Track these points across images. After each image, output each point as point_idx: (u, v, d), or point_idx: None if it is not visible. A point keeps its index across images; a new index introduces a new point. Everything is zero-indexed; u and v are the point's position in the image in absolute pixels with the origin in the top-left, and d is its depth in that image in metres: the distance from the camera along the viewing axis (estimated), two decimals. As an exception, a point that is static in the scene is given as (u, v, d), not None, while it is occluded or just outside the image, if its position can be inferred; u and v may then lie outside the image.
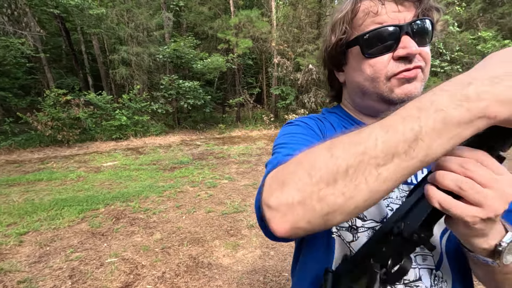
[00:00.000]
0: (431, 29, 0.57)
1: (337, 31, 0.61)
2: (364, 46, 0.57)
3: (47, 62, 12.64)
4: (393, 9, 0.55)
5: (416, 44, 0.55)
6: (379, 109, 0.63)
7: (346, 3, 0.60)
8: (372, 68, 0.58)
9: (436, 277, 0.57)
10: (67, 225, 3.54)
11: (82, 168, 6.68)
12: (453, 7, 12.53)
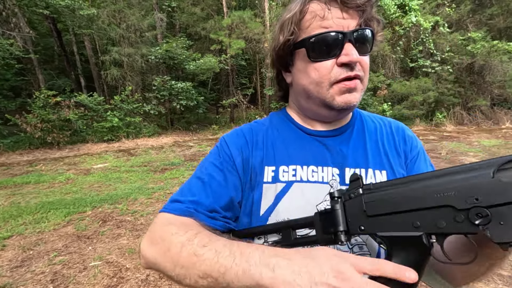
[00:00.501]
0: (371, 39, 0.60)
1: (285, 31, 0.61)
2: (310, 49, 0.59)
3: (38, 63, 12.51)
4: (338, 15, 0.57)
5: (357, 52, 0.57)
6: (322, 114, 0.66)
7: (296, 3, 0.61)
8: (317, 72, 0.59)
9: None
10: (52, 229, 3.49)
11: (71, 170, 6.60)
12: (444, 8, 12.69)
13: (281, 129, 0.71)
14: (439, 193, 0.40)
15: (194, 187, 0.64)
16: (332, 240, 0.50)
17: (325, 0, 0.57)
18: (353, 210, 0.48)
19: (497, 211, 0.36)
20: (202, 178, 0.64)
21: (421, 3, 12.28)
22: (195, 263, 0.47)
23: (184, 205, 0.60)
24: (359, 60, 0.58)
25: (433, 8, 12.69)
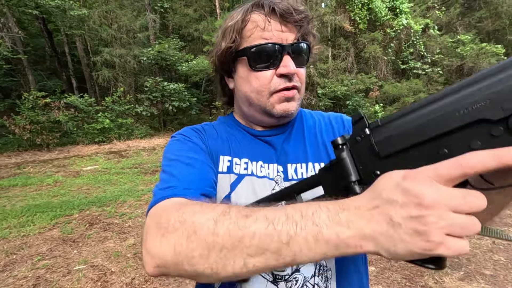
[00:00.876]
0: (308, 52, 0.64)
1: (227, 38, 0.63)
2: (251, 58, 0.61)
3: (28, 64, 12.32)
4: (278, 28, 0.60)
5: (294, 65, 0.60)
6: (262, 120, 0.69)
7: (238, 11, 0.63)
8: (258, 81, 0.62)
9: (321, 266, 0.61)
10: (38, 232, 3.44)
11: (60, 172, 6.51)
12: (434, 11, 12.89)
13: (230, 130, 0.73)
14: (466, 108, 0.32)
15: (181, 171, 0.57)
16: (346, 195, 0.41)
17: (265, 12, 0.59)
18: (362, 154, 0.42)
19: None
20: (184, 161, 0.59)
21: (412, 6, 12.45)
22: (242, 238, 0.37)
23: (186, 188, 0.52)
24: (297, 71, 0.62)
25: (423, 11, 12.88)
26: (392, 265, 2.58)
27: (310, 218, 0.36)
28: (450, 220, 0.29)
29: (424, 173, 0.32)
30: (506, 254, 2.66)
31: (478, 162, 0.29)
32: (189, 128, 0.71)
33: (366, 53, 11.99)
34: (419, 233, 0.30)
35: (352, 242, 0.34)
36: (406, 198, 0.31)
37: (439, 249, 0.30)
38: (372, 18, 11.81)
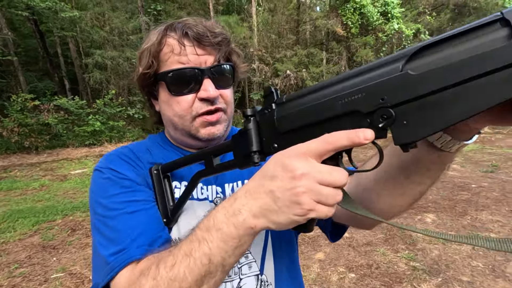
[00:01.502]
0: (232, 72, 0.63)
1: (143, 62, 0.61)
2: (169, 83, 0.59)
3: (20, 65, 12.18)
4: (193, 51, 0.58)
5: (214, 88, 0.59)
6: (190, 144, 0.67)
7: (154, 34, 0.61)
8: (179, 106, 0.60)
9: (262, 282, 0.62)
10: (18, 239, 3.38)
11: (47, 176, 6.43)
12: (424, 16, 13.07)
13: (166, 152, 0.70)
14: (346, 98, 0.36)
15: (127, 223, 0.54)
16: (248, 163, 0.47)
17: (178, 36, 0.58)
18: (267, 127, 0.45)
19: (401, 110, 0.32)
20: (126, 210, 0.56)
21: (403, 11, 12.61)
22: (181, 285, 0.41)
23: (129, 251, 0.51)
24: (220, 93, 0.60)
25: (414, 16, 13.05)
26: (372, 272, 2.59)
27: (213, 227, 0.41)
28: (317, 190, 0.35)
29: (299, 149, 0.37)
30: (485, 260, 2.69)
31: (336, 140, 0.35)
32: (117, 157, 0.64)
33: (358, 57, 12.10)
34: (294, 202, 0.36)
35: (248, 223, 0.38)
36: (283, 173, 0.36)
37: (310, 214, 0.36)
38: (364, 22, 11.94)
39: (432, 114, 0.31)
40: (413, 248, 2.96)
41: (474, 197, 4.30)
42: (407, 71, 0.32)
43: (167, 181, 0.62)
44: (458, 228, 3.37)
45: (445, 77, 0.29)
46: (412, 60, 0.32)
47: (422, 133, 0.32)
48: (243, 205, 0.39)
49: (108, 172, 0.60)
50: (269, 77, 12.58)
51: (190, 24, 0.59)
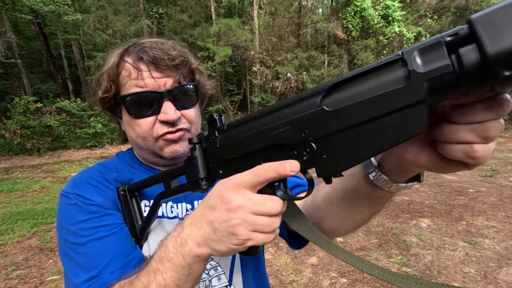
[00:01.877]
0: (194, 91, 0.63)
1: (102, 85, 0.62)
2: (128, 107, 0.60)
3: (24, 67, 12.34)
4: (149, 75, 0.58)
5: (174, 110, 0.59)
6: (157, 162, 0.68)
7: (114, 56, 0.62)
8: (140, 128, 0.61)
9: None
10: (16, 241, 3.43)
11: (48, 178, 6.50)
12: (426, 19, 13.05)
13: (134, 171, 0.70)
14: (275, 130, 0.37)
15: (97, 250, 0.55)
16: (197, 188, 0.48)
17: (133, 61, 0.58)
18: (212, 154, 0.47)
19: (321, 144, 0.34)
20: (95, 236, 0.56)
21: (404, 14, 12.60)
22: None
23: (103, 278, 0.53)
24: (178, 116, 0.60)
25: (415, 19, 13.04)
26: (364, 277, 2.60)
27: (164, 257, 0.43)
28: (252, 221, 0.37)
29: (235, 180, 0.39)
30: (477, 266, 2.69)
31: (264, 173, 0.37)
32: (84, 182, 0.63)
33: (359, 60, 12.10)
34: (231, 233, 0.37)
35: (194, 252, 0.41)
36: (221, 205, 0.38)
37: (248, 243, 0.38)
38: (364, 25, 11.95)
39: (346, 150, 0.32)
40: (406, 253, 2.97)
41: (471, 202, 4.29)
42: (323, 107, 0.33)
43: (134, 201, 0.63)
44: (453, 233, 3.37)
45: (351, 116, 0.31)
46: (328, 96, 0.34)
47: (336, 168, 0.34)
48: (188, 235, 0.42)
49: (75, 198, 0.59)
50: (270, 80, 12.62)
51: (146, 48, 0.59)
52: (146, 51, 0.58)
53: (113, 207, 0.62)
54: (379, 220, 3.82)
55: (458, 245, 3.09)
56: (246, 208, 0.37)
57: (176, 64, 0.59)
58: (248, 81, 15.49)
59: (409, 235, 3.33)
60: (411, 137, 0.29)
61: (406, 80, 0.28)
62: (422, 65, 0.27)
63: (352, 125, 0.31)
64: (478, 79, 0.25)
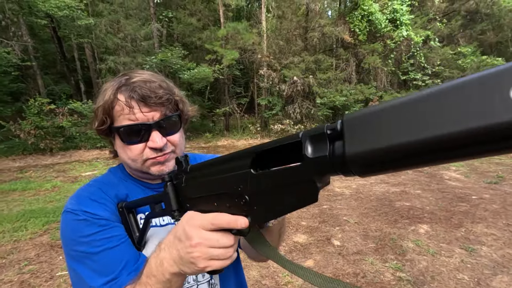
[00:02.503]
0: (178, 119, 0.74)
1: (98, 118, 0.71)
2: (121, 135, 0.70)
3: (39, 69, 12.80)
4: (139, 111, 0.68)
5: (161, 137, 0.69)
6: (146, 177, 0.79)
7: (109, 91, 0.70)
8: (131, 152, 0.71)
9: (212, 285, 0.79)
10: (29, 237, 3.63)
11: (60, 177, 6.75)
12: (435, 23, 12.94)
13: (125, 183, 0.80)
14: (219, 182, 0.47)
15: (112, 256, 0.64)
16: (172, 216, 0.59)
17: (125, 99, 0.68)
18: (181, 190, 0.57)
19: (253, 197, 0.42)
20: (107, 246, 0.65)
21: (413, 18, 12.54)
22: None
23: (121, 280, 0.62)
24: (168, 140, 0.71)
25: (424, 22, 12.94)
26: (358, 281, 2.67)
27: (150, 273, 0.56)
28: (209, 254, 0.48)
29: (196, 222, 0.49)
30: (472, 273, 2.73)
31: (219, 223, 0.47)
32: (88, 199, 0.70)
33: (366, 64, 12.10)
34: (192, 262, 0.49)
35: (170, 271, 0.53)
36: (185, 239, 0.50)
37: (207, 269, 0.49)
38: (372, 29, 11.94)
39: (268, 206, 0.41)
40: (402, 258, 3.02)
41: (472, 209, 4.30)
42: (250, 169, 0.41)
43: (131, 215, 0.74)
44: (450, 239, 3.40)
45: (268, 181, 0.39)
46: (258, 159, 0.41)
47: (264, 219, 0.44)
48: (164, 257, 0.53)
49: (83, 214, 0.66)
50: (277, 83, 12.71)
51: (137, 88, 0.67)
52: (137, 90, 0.67)
53: (117, 220, 0.72)
54: (378, 225, 3.88)
55: (454, 252, 3.12)
56: (204, 244, 0.48)
57: (162, 101, 0.69)
58: (255, 83, 15.64)
59: (406, 241, 3.37)
60: (307, 204, 0.36)
61: (301, 160, 0.34)
62: (311, 152, 0.33)
63: (268, 187, 0.40)
64: (343, 170, 0.31)
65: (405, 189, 5.39)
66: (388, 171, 0.27)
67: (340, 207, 4.59)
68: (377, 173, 0.28)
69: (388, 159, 0.26)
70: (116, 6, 12.56)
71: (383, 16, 11.67)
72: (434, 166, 0.28)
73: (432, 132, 0.22)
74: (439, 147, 0.22)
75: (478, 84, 0.21)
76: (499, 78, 0.20)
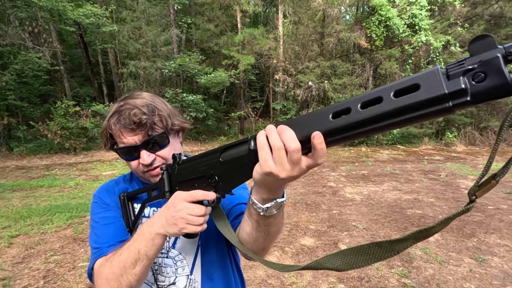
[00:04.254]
0: (164, 135, 0.87)
1: (103, 139, 0.90)
2: (120, 155, 0.88)
3: (66, 73, 13.56)
4: (127, 135, 0.83)
5: (148, 155, 0.84)
6: (147, 181, 0.94)
7: (107, 117, 0.87)
8: (131, 166, 0.89)
9: (191, 280, 0.88)
10: (54, 230, 3.91)
11: (82, 176, 7.15)
12: (456, 28, 12.61)
13: (135, 185, 0.99)
14: (201, 167, 0.67)
15: (102, 232, 0.87)
16: (165, 198, 0.77)
17: (114, 125, 0.83)
18: (173, 177, 0.76)
19: (220, 177, 0.63)
20: (102, 222, 0.88)
21: (432, 23, 12.28)
22: (125, 264, 0.70)
23: (102, 250, 0.81)
24: (157, 156, 0.86)
25: (445, 27, 12.64)
26: (362, 285, 2.72)
27: (141, 233, 0.72)
28: (186, 218, 0.65)
29: (180, 194, 0.69)
30: (479, 283, 2.71)
31: (196, 196, 0.66)
32: (104, 189, 0.96)
33: (382, 69, 11.95)
34: (174, 224, 0.67)
35: (156, 231, 0.69)
36: (172, 207, 0.68)
37: (184, 230, 0.66)
38: (389, 34, 11.81)
39: (229, 180, 0.62)
40: (408, 265, 3.04)
41: (486, 219, 4.21)
42: (220, 158, 0.62)
43: (130, 203, 0.92)
44: (461, 249, 3.37)
45: (228, 164, 0.61)
46: (224, 152, 0.62)
47: (226, 190, 0.64)
48: (155, 221, 0.70)
49: (96, 199, 0.94)
50: (292, 88, 12.80)
51: (121, 118, 0.82)
52: (121, 120, 0.82)
53: (116, 207, 0.93)
54: (387, 231, 3.89)
55: (463, 261, 3.10)
56: (183, 211, 0.66)
57: (143, 124, 0.82)
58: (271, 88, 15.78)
59: (414, 248, 3.37)
60: (249, 178, 0.57)
61: (248, 151, 0.55)
62: (251, 146, 0.54)
63: (229, 169, 0.61)
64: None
65: (418, 197, 5.33)
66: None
67: (350, 212, 4.62)
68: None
69: None
70: (138, 13, 13.12)
71: (401, 21, 11.51)
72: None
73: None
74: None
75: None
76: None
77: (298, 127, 0.47)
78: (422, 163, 8.48)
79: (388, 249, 0.48)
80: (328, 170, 7.73)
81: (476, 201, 0.40)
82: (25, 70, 9.98)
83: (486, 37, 0.32)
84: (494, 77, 0.31)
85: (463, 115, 12.24)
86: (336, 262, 0.53)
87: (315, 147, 0.45)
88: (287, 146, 0.46)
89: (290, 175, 0.48)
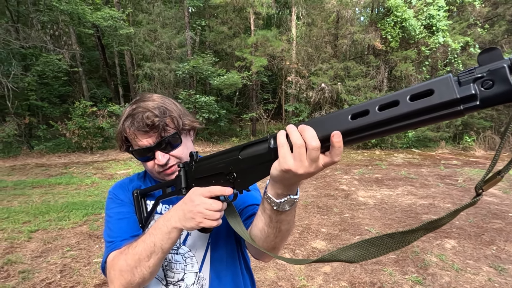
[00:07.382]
0: (177, 135, 0.88)
1: (119, 142, 0.92)
2: (135, 156, 0.90)
3: (84, 74, 14.00)
4: (141, 138, 0.85)
5: (163, 155, 0.86)
6: (162, 180, 0.95)
7: (121, 120, 0.89)
8: (146, 166, 0.91)
9: (199, 277, 0.90)
10: (71, 226, 4.03)
11: (98, 174, 7.34)
12: (475, 29, 12.23)
13: (144, 182, 1.01)
14: (219, 165, 0.69)
15: (116, 226, 0.89)
16: (181, 194, 0.79)
17: (128, 129, 0.85)
18: (190, 174, 0.78)
19: (238, 173, 0.65)
20: (116, 217, 0.90)
21: (451, 23, 11.95)
22: (140, 256, 0.72)
23: (115, 243, 0.83)
24: (167, 158, 0.86)
25: (463, 28, 12.28)
26: None
27: (157, 226, 0.74)
28: (204, 212, 0.67)
29: (198, 191, 0.70)
30: (498, 292, 2.61)
31: (214, 192, 0.68)
32: (119, 186, 0.98)
33: (397, 71, 11.72)
34: (192, 218, 0.68)
35: (172, 225, 0.71)
36: (190, 202, 0.70)
37: (201, 224, 0.68)
38: (405, 36, 11.57)
39: (247, 176, 0.65)
40: (423, 272, 2.96)
41: (507, 227, 4.05)
42: (239, 155, 0.64)
43: (143, 200, 0.94)
44: (479, 257, 3.25)
45: (247, 162, 0.63)
46: (243, 150, 0.64)
47: (244, 186, 0.66)
48: (172, 216, 0.72)
49: (111, 195, 0.97)
50: (304, 90, 12.73)
51: (134, 121, 0.83)
52: (134, 123, 0.84)
53: (130, 203, 0.95)
54: (401, 237, 3.79)
55: (481, 270, 2.99)
56: (201, 205, 0.67)
57: (156, 126, 0.83)
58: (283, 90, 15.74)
59: (429, 255, 3.28)
60: (267, 175, 0.60)
61: (267, 149, 0.57)
62: (271, 144, 0.57)
63: (248, 166, 0.63)
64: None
65: (433, 202, 5.19)
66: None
67: (363, 216, 4.54)
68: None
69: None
70: (154, 16, 13.40)
71: (417, 22, 11.26)
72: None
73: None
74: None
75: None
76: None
77: (318, 127, 0.50)
78: (438, 168, 8.24)
79: (400, 240, 0.50)
80: (340, 173, 7.63)
81: (482, 194, 0.43)
82: (46, 71, 10.37)
83: (493, 49, 0.37)
84: (501, 84, 0.35)
85: (483, 118, 11.84)
86: (349, 253, 0.55)
87: (334, 145, 0.47)
88: (308, 144, 0.49)
89: (307, 172, 0.50)
